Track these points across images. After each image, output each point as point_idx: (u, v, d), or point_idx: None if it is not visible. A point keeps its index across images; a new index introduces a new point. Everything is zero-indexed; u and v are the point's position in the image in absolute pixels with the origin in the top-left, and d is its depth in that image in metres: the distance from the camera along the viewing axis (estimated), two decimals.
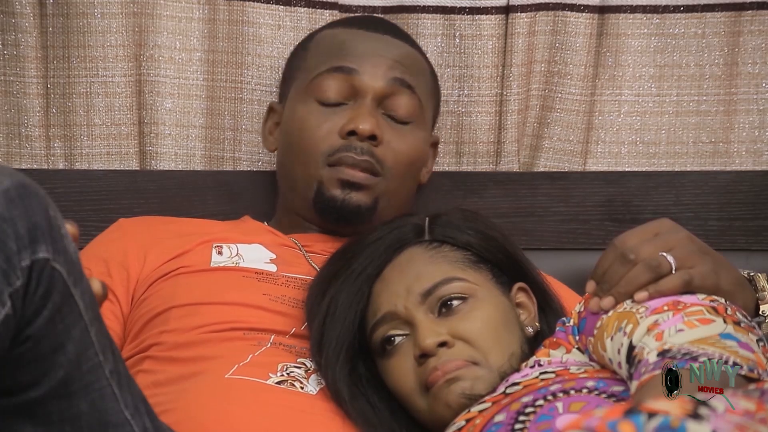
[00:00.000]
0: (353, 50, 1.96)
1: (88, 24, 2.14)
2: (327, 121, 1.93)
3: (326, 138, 1.92)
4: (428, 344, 1.62)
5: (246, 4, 2.17)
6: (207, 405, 1.64)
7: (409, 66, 1.99)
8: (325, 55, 1.97)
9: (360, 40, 1.98)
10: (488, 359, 1.62)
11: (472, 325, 1.63)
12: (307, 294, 1.77)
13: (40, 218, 1.30)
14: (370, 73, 1.94)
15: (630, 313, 1.50)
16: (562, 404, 1.47)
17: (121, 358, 1.43)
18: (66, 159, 2.17)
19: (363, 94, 1.94)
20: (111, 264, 1.88)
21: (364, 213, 1.92)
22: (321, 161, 1.92)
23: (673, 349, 1.41)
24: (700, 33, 2.26)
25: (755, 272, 1.64)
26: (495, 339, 1.63)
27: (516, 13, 2.21)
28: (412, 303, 1.66)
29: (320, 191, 1.92)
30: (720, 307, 1.48)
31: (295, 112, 1.96)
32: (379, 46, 1.98)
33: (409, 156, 1.96)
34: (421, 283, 1.67)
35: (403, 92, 1.96)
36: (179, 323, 1.77)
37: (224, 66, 2.19)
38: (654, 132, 2.27)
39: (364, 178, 1.91)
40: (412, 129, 1.97)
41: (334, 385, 1.67)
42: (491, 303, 1.67)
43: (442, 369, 1.61)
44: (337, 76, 1.94)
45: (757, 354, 1.43)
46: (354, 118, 1.91)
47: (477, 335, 1.63)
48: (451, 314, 1.64)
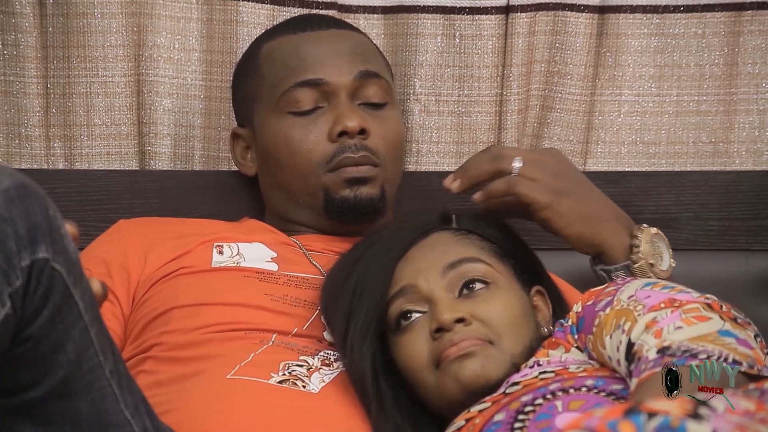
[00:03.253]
0: (310, 57, 1.96)
1: (88, 24, 2.14)
2: (310, 131, 1.93)
3: (316, 147, 1.92)
4: (446, 318, 1.61)
5: (240, 3, 2.17)
6: (208, 405, 1.64)
7: (364, 53, 2.00)
8: (284, 69, 1.96)
9: (311, 44, 1.98)
10: (503, 342, 1.62)
11: (492, 309, 1.63)
12: (328, 277, 1.76)
13: (39, 218, 1.30)
14: (336, 74, 1.94)
15: (628, 311, 1.50)
16: (561, 403, 1.47)
17: (121, 358, 1.43)
18: (66, 159, 2.17)
19: (335, 94, 1.94)
20: (111, 265, 1.88)
21: (377, 204, 1.93)
22: (320, 170, 1.92)
23: (672, 347, 1.42)
24: (700, 33, 2.26)
25: (648, 226, 1.80)
26: (512, 326, 1.63)
27: (516, 13, 2.21)
28: (433, 276, 1.65)
29: (329, 197, 1.92)
30: (715, 304, 1.49)
31: (274, 131, 1.96)
32: (332, 44, 1.98)
33: (396, 138, 1.98)
34: (446, 257, 1.67)
35: (371, 81, 1.96)
36: (180, 324, 1.77)
37: (221, 66, 2.19)
38: (654, 132, 2.27)
39: (367, 170, 1.92)
40: (388, 110, 1.98)
41: (359, 362, 1.66)
42: (512, 293, 1.67)
43: (457, 344, 1.60)
44: (304, 89, 1.94)
45: (755, 350, 1.43)
46: (338, 118, 1.92)
47: (495, 318, 1.63)
48: (472, 297, 1.64)
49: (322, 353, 1.74)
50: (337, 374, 1.70)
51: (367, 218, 1.93)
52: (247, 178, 2.14)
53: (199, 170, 2.20)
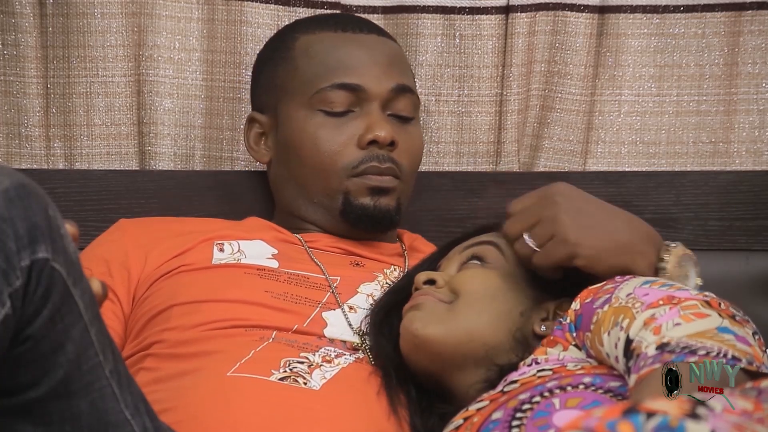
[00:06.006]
0: (350, 60, 1.97)
1: (88, 24, 2.14)
2: (340, 133, 1.95)
3: (344, 150, 1.94)
4: (418, 278, 1.73)
5: (245, 4, 2.18)
6: (208, 404, 1.63)
7: (400, 65, 2.02)
8: (321, 66, 1.97)
9: (351, 48, 1.99)
10: (460, 309, 1.67)
11: (467, 280, 1.70)
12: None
13: (39, 218, 1.30)
14: (373, 83, 1.96)
15: (626, 307, 1.50)
16: (558, 400, 1.47)
17: (120, 358, 1.43)
18: (66, 159, 2.17)
19: (369, 102, 1.96)
20: (112, 264, 1.88)
21: (393, 216, 1.96)
22: (343, 174, 1.94)
23: (671, 343, 1.42)
24: (700, 33, 2.26)
25: (677, 245, 1.70)
26: (481, 303, 1.68)
27: (516, 13, 2.21)
28: (455, 254, 1.76)
29: (348, 201, 1.94)
30: (713, 302, 1.49)
31: (302, 126, 1.96)
32: (372, 51, 1.99)
33: (419, 154, 2.01)
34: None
35: (404, 95, 1.99)
36: (181, 321, 1.77)
37: (223, 66, 2.19)
38: (654, 132, 2.28)
39: (389, 181, 1.94)
40: (414, 125, 2.01)
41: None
42: (504, 283, 1.70)
43: (414, 298, 1.71)
44: (340, 91, 1.95)
45: (753, 347, 1.43)
46: (371, 126, 1.94)
47: (465, 288, 1.69)
48: (463, 269, 1.73)
49: (323, 350, 1.74)
50: (338, 371, 1.71)
51: (381, 228, 1.96)
52: (247, 178, 2.14)
53: (199, 170, 2.20)
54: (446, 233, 2.16)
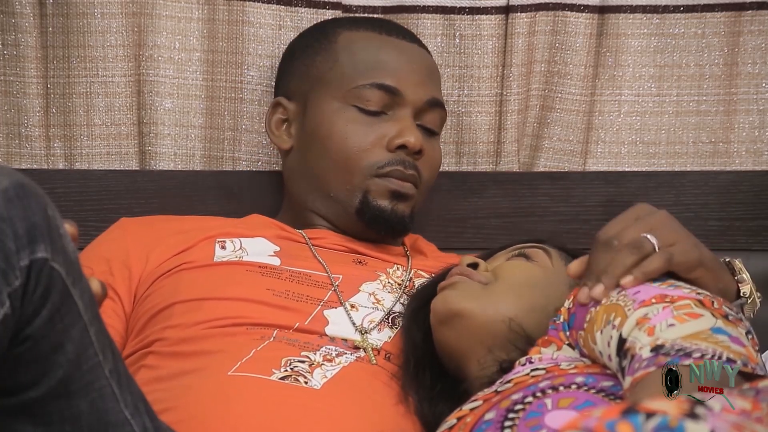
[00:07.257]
0: (391, 63, 1.99)
1: (88, 24, 2.14)
2: (371, 132, 1.96)
3: (372, 149, 1.95)
4: (462, 260, 1.74)
5: (246, 3, 2.18)
6: (208, 404, 1.63)
7: (436, 79, 2.05)
8: (363, 64, 1.99)
9: (394, 52, 2.01)
10: (498, 291, 1.68)
11: (510, 270, 1.72)
12: None
13: (38, 218, 1.30)
14: (411, 90, 1.98)
15: (617, 305, 1.50)
16: (551, 400, 1.47)
17: (120, 358, 1.43)
18: (66, 159, 2.17)
19: (404, 107, 1.97)
20: (113, 263, 1.89)
21: (407, 223, 1.97)
22: (367, 172, 1.94)
23: (666, 345, 1.41)
24: (700, 33, 2.26)
25: (730, 258, 1.66)
26: (521, 290, 1.69)
27: (516, 13, 2.21)
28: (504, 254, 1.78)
29: (366, 200, 1.94)
30: (706, 300, 1.48)
31: (333, 118, 1.97)
32: (412, 59, 2.02)
33: (437, 169, 2.03)
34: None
35: (436, 110, 2.01)
36: (182, 319, 1.78)
37: (224, 66, 2.19)
38: (654, 132, 2.28)
39: (410, 188, 1.96)
40: (437, 140, 2.04)
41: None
42: (545, 279, 1.71)
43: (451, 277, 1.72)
44: (378, 91, 1.97)
45: (747, 348, 1.43)
46: (403, 131, 1.95)
47: (507, 275, 1.70)
48: (508, 260, 1.75)
49: (324, 348, 1.74)
50: (339, 370, 1.71)
51: (394, 233, 1.97)
52: (248, 179, 2.14)
53: (199, 170, 2.20)
54: (446, 233, 2.17)
